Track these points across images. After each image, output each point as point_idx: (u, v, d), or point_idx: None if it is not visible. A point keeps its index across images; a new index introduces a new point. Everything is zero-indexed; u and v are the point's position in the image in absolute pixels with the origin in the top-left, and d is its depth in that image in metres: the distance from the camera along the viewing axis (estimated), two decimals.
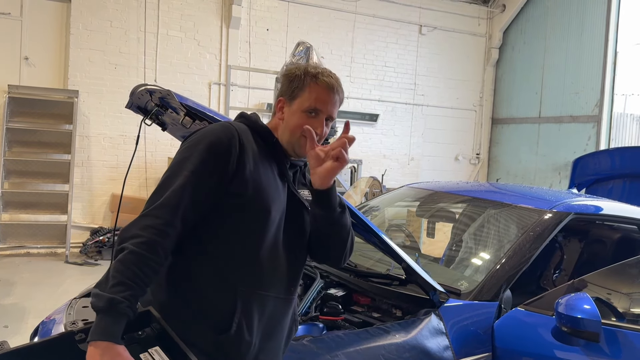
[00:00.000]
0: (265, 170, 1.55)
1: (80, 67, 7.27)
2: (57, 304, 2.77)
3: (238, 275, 1.50)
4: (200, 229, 1.50)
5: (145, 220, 1.42)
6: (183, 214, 1.44)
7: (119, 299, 1.31)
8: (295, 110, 1.59)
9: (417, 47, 9.77)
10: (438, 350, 2.04)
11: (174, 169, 1.49)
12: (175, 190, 1.44)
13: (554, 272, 3.47)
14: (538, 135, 9.77)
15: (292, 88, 1.60)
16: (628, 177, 4.40)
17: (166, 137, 6.68)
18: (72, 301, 2.40)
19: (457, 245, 3.12)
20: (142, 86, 2.02)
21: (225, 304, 1.49)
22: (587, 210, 2.97)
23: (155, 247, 1.38)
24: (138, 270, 1.35)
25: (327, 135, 1.63)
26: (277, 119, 1.64)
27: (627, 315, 2.43)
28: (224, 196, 1.49)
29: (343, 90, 1.65)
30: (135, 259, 1.36)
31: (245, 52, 8.32)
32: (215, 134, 1.51)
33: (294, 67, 1.64)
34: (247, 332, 1.49)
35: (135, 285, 1.34)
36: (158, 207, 1.43)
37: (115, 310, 1.31)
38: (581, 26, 9.01)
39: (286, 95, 1.61)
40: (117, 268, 1.35)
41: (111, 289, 1.32)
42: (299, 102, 1.58)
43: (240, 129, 1.55)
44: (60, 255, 6.97)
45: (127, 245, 1.37)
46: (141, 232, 1.39)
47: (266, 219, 1.52)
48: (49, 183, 7.04)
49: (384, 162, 9.52)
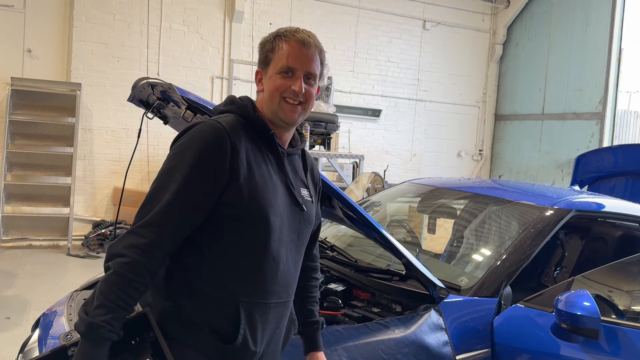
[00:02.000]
0: (260, 171, 1.46)
1: (83, 60, 7.27)
2: (58, 296, 2.78)
3: (241, 287, 1.45)
4: (198, 238, 1.45)
5: (131, 238, 1.36)
6: (172, 232, 1.38)
7: (98, 324, 1.28)
8: (270, 75, 1.51)
9: (420, 43, 9.74)
10: (437, 345, 2.04)
11: (161, 179, 1.41)
12: (162, 207, 1.37)
13: (555, 269, 3.46)
14: (541, 132, 9.74)
15: (265, 53, 1.53)
16: (631, 174, 4.39)
17: (169, 130, 6.68)
18: (73, 293, 2.41)
19: (457, 242, 3.12)
20: (144, 79, 2.03)
21: (228, 315, 1.45)
22: (589, 207, 2.96)
23: (139, 269, 1.34)
24: (121, 293, 1.31)
25: (314, 95, 1.55)
26: (259, 95, 1.56)
27: (627, 312, 2.43)
28: (217, 206, 1.42)
29: (322, 47, 1.57)
30: (118, 280, 1.32)
31: (248, 46, 8.30)
32: (204, 140, 1.40)
33: (270, 35, 1.56)
34: (252, 343, 1.46)
35: (118, 308, 1.31)
36: (144, 225, 1.36)
37: (95, 335, 1.28)
38: (585, 23, 8.97)
39: (261, 64, 1.55)
40: (101, 289, 1.32)
41: (93, 312, 1.29)
42: (272, 66, 1.51)
43: (230, 127, 1.44)
44: (62, 248, 6.99)
45: (111, 265, 1.34)
46: (126, 252, 1.33)
47: (266, 228, 1.45)
48: (51, 176, 7.06)
49: (386, 158, 9.51)
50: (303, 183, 1.63)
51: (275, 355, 1.60)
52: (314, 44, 1.54)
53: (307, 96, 1.53)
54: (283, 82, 1.50)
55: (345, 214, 2.27)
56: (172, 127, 2.39)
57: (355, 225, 2.36)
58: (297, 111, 1.52)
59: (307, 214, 1.59)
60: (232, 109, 1.54)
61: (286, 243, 1.53)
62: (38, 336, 2.20)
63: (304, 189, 1.62)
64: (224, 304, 1.45)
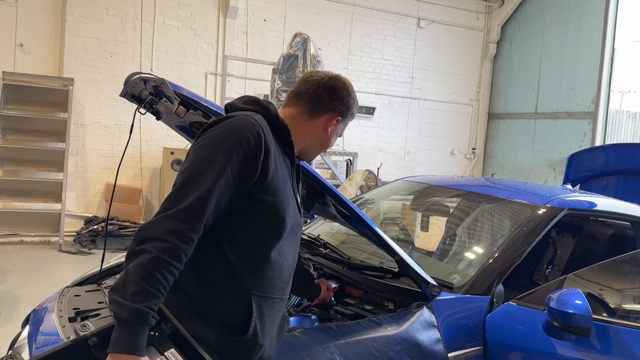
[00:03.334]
0: (283, 173, 1.54)
1: (75, 55, 7.22)
2: (49, 293, 2.76)
3: (253, 280, 1.48)
4: (216, 230, 1.46)
5: (169, 223, 1.33)
6: (207, 219, 1.39)
7: (144, 310, 1.25)
8: (336, 132, 1.72)
9: (415, 41, 9.75)
10: (429, 343, 2.04)
11: (197, 166, 1.40)
12: (202, 194, 1.36)
13: (547, 267, 3.48)
14: (534, 131, 9.78)
15: (351, 112, 1.73)
16: (622, 173, 4.41)
17: (161, 126, 6.66)
18: (64, 290, 2.39)
19: (450, 239, 3.12)
20: (137, 74, 2.01)
21: (241, 307, 1.47)
22: (581, 206, 2.98)
23: (179, 254, 1.32)
24: (161, 278, 1.29)
25: None
26: (318, 129, 1.68)
27: (618, 311, 2.44)
28: (243, 200, 1.45)
29: None
30: (158, 265, 1.29)
31: (242, 43, 8.28)
32: (243, 133, 1.42)
33: (352, 90, 1.73)
34: (260, 336, 1.49)
35: (159, 293, 1.28)
36: (183, 210, 1.35)
37: (140, 322, 1.25)
38: (579, 23, 9.01)
39: (341, 114, 1.71)
40: (139, 273, 1.27)
41: (133, 297, 1.25)
42: (342, 127, 1.73)
43: (264, 127, 1.48)
44: (53, 244, 6.95)
45: (148, 248, 1.30)
46: (165, 236, 1.31)
47: (281, 226, 1.51)
48: (43, 171, 7.01)
49: (379, 156, 9.52)
50: (299, 190, 1.72)
51: (273, 350, 1.62)
52: None
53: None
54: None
55: (338, 211, 2.27)
56: (165, 123, 2.37)
57: (348, 223, 2.36)
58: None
59: (302, 219, 1.70)
60: (259, 109, 1.57)
61: (291, 243, 1.60)
62: (28, 333, 2.18)
63: (298, 195, 1.70)
64: (236, 297, 1.47)
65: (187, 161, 1.44)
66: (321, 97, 1.66)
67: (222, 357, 1.45)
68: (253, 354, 1.49)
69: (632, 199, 3.54)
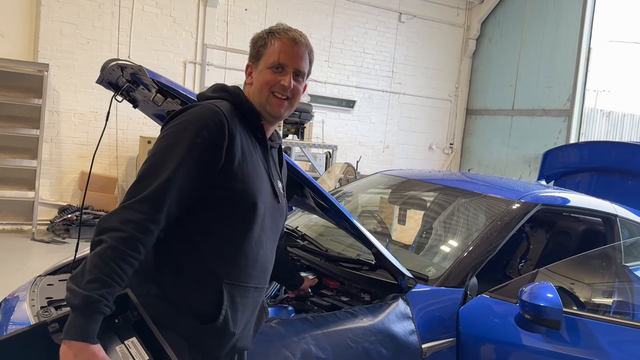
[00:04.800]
0: (251, 158, 1.51)
1: (51, 40, 7.06)
2: (21, 282, 2.71)
3: (225, 269, 1.48)
4: (186, 219, 1.46)
5: (126, 213, 1.34)
6: (168, 210, 1.38)
7: (95, 297, 1.25)
8: (261, 69, 1.58)
9: (396, 35, 9.78)
10: (404, 334, 2.07)
11: (158, 157, 1.41)
12: (161, 184, 1.36)
13: (520, 262, 3.54)
14: (510, 128, 9.91)
15: (257, 49, 1.60)
16: (595, 170, 4.50)
17: (138, 115, 6.56)
18: (36, 279, 2.35)
19: (427, 233, 3.16)
20: (114, 61, 1.98)
21: (211, 297, 1.47)
22: (555, 201, 3.03)
23: (136, 244, 1.32)
24: (116, 267, 1.29)
25: (301, 92, 1.61)
26: (247, 87, 1.62)
27: (587, 304, 2.51)
28: (210, 188, 1.45)
29: (312, 47, 1.64)
30: (114, 254, 1.29)
31: (222, 32, 8.19)
32: (203, 120, 1.42)
33: (262, 31, 1.63)
34: (232, 324, 1.49)
35: (113, 282, 1.28)
36: (141, 200, 1.35)
37: (91, 309, 1.25)
38: (557, 21, 9.14)
39: (252, 58, 1.61)
40: (94, 262, 1.28)
41: (87, 285, 1.26)
42: (263, 60, 1.58)
43: (227, 113, 1.47)
44: (26, 233, 6.83)
45: (105, 239, 1.31)
46: (122, 226, 1.32)
47: (253, 213, 1.49)
48: (16, 158, 6.85)
49: (359, 149, 9.55)
50: (279, 176, 1.70)
51: (248, 340, 1.62)
52: (304, 43, 1.61)
53: (294, 92, 1.60)
54: (273, 76, 1.56)
55: (317, 203, 2.27)
56: (142, 111, 2.34)
57: (326, 215, 2.37)
58: (283, 106, 1.59)
59: (282, 205, 1.67)
60: (225, 96, 1.57)
61: (267, 230, 1.58)
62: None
63: (279, 181, 1.68)
64: (207, 286, 1.47)
65: (150, 152, 1.44)
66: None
67: (193, 345, 1.45)
68: (224, 342, 1.49)
69: (604, 195, 3.62)
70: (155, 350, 1.36)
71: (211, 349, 1.49)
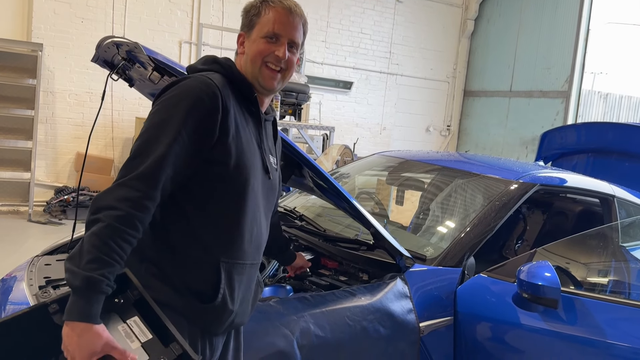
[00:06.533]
0: (244, 132, 1.48)
1: (45, 19, 6.96)
2: (18, 262, 2.70)
3: (221, 247, 1.47)
4: (180, 196, 1.43)
5: (122, 191, 1.31)
6: (163, 186, 1.35)
7: (96, 278, 1.23)
8: (254, 38, 1.53)
9: (393, 15, 9.68)
10: (402, 312, 2.08)
11: (151, 132, 1.37)
12: (156, 159, 1.33)
13: (517, 242, 3.56)
14: (508, 109, 9.89)
15: (250, 18, 1.54)
16: (592, 152, 4.50)
17: (134, 95, 6.51)
18: (34, 259, 2.34)
19: (424, 213, 3.16)
20: (109, 38, 1.95)
21: (209, 275, 1.46)
22: (553, 182, 3.03)
23: (133, 221, 1.30)
24: (115, 246, 1.27)
25: (295, 64, 1.56)
26: (239, 57, 1.57)
27: (584, 283, 2.52)
28: (204, 164, 1.42)
29: (306, 18, 1.59)
30: (111, 233, 1.27)
31: (218, 11, 8.09)
32: (196, 94, 1.39)
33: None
34: (230, 302, 1.48)
35: (113, 261, 1.26)
36: (137, 177, 1.32)
37: (92, 290, 1.23)
38: (556, 2, 9.05)
39: (245, 27, 1.56)
40: (92, 242, 1.26)
41: (87, 266, 1.24)
42: (257, 30, 1.52)
43: (220, 85, 1.44)
44: (22, 214, 6.81)
45: (102, 218, 1.28)
46: (118, 204, 1.29)
47: (246, 189, 1.47)
48: (10, 139, 6.80)
49: (356, 131, 9.51)
50: (271, 151, 1.66)
51: (246, 316, 1.62)
52: (299, 13, 1.56)
53: (288, 63, 1.55)
54: (267, 46, 1.52)
55: (315, 183, 2.26)
56: (138, 90, 2.31)
57: (324, 195, 2.36)
58: (276, 78, 1.55)
59: (273, 181, 1.63)
60: (216, 68, 1.53)
61: (259, 206, 1.56)
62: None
63: (272, 156, 1.65)
64: (204, 265, 1.46)
65: (143, 127, 1.41)
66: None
67: (192, 323, 1.45)
68: (223, 320, 1.49)
69: (601, 176, 3.62)
70: (157, 328, 1.36)
71: (210, 327, 1.49)
